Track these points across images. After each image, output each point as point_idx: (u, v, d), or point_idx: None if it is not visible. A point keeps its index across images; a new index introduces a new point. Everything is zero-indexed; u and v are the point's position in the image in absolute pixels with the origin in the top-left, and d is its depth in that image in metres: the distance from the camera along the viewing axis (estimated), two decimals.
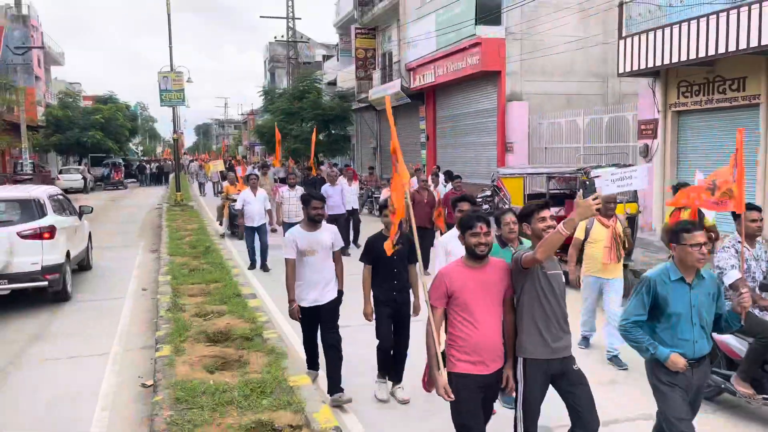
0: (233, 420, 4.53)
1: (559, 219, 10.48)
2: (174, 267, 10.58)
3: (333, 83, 34.51)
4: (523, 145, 18.25)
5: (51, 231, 8.84)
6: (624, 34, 12.83)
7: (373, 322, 5.45)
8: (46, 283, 8.65)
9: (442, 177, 14.62)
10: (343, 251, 11.57)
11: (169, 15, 25.02)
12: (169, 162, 44.20)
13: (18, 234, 8.48)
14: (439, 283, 3.70)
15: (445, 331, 3.83)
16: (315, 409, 4.71)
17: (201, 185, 32.39)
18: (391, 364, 5.49)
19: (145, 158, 62.19)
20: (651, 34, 11.99)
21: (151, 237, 16.08)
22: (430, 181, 12.81)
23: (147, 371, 6.19)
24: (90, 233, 11.99)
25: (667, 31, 11.56)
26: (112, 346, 7.08)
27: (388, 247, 4.65)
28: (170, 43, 25.47)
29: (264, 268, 11.13)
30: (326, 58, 42.65)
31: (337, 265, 5.54)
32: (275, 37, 44.67)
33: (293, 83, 32.69)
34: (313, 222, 5.39)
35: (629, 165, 9.83)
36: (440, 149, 23.65)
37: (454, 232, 4.93)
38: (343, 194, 12.82)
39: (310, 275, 5.33)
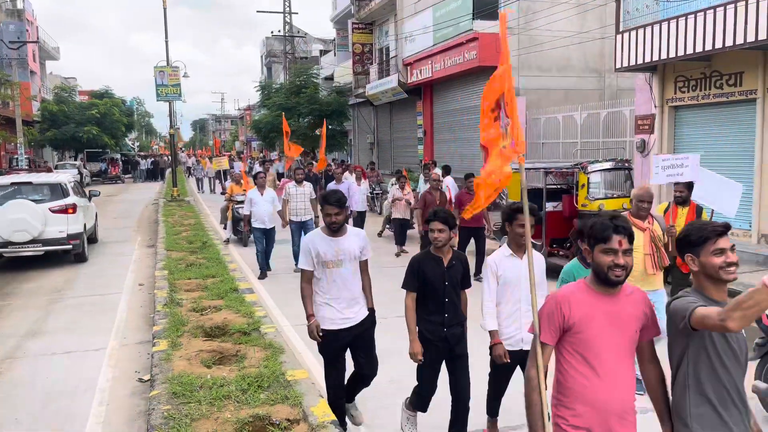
0: (230, 414, 4.53)
1: (557, 214, 10.42)
2: (171, 262, 10.57)
3: (330, 78, 34.45)
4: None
5: (74, 207, 11.61)
6: (621, 29, 12.81)
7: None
8: (70, 246, 11.42)
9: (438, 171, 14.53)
10: None
11: (165, 9, 24.93)
12: (166, 157, 43.97)
13: (50, 209, 11.26)
14: (554, 311, 2.70)
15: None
16: (312, 403, 4.71)
17: (199, 181, 31.55)
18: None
19: (141, 153, 61.76)
20: (648, 29, 11.98)
21: (148, 232, 16.06)
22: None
23: (144, 366, 6.19)
24: (96, 213, 14.43)
25: (665, 26, 11.56)
26: (109, 341, 7.08)
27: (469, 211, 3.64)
28: (166, 37, 25.40)
29: (263, 273, 10.35)
30: (323, 53, 42.56)
31: (365, 277, 4.62)
32: (272, 32, 44.67)
33: (290, 78, 32.62)
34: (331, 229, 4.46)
35: (626, 160, 9.84)
36: (437, 144, 23.64)
37: (505, 251, 4.29)
38: (349, 193, 12.12)
39: (335, 291, 4.44)
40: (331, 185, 12.17)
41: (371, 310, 4.65)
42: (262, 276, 10.16)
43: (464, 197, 9.56)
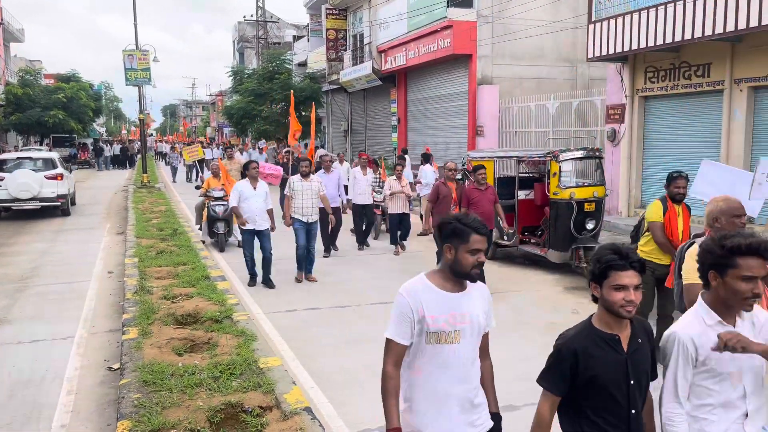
0: (202, 402, 4.50)
1: (529, 202, 10.51)
2: (141, 249, 10.41)
3: (303, 64, 34.13)
4: (493, 129, 18.35)
5: (61, 176, 16.08)
6: (593, 19, 12.94)
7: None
8: (59, 203, 15.90)
9: (408, 160, 14.30)
10: (328, 251, 10.66)
11: None
12: (135, 143, 42.99)
13: (45, 176, 15.62)
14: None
15: None
16: (285, 390, 4.70)
17: (174, 170, 28.30)
18: None
19: (110, 138, 60.21)
20: (620, 20, 12.12)
21: (117, 219, 15.77)
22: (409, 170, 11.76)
23: (113, 355, 6.10)
24: (75, 182, 18.84)
25: (636, 16, 11.70)
26: (77, 329, 6.94)
27: None
28: (135, 20, 24.85)
29: (268, 283, 8.51)
30: (296, 38, 42.08)
31: (487, 362, 2.93)
32: (244, 17, 43.92)
33: (263, 64, 32.22)
34: (461, 274, 2.59)
35: (597, 149, 9.97)
36: (411, 132, 23.65)
37: (706, 316, 2.50)
38: (339, 184, 10.75)
39: (446, 383, 2.63)
40: (320, 174, 10.22)
41: (496, 417, 2.96)
42: (252, 283, 8.62)
43: (473, 193, 8.25)
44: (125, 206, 17.71)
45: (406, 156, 16.74)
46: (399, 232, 11.14)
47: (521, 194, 10.20)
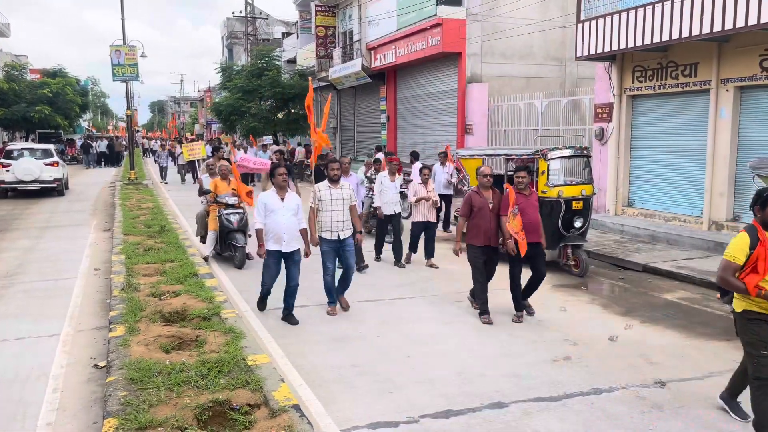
0: (190, 399, 4.48)
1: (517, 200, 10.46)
2: (128, 246, 10.33)
3: (292, 61, 34.00)
4: (482, 127, 18.39)
5: (57, 163, 20.02)
6: (582, 18, 12.99)
7: None
8: (55, 185, 19.66)
9: (381, 156, 13.24)
10: (360, 267, 9.10)
11: None
12: (122, 140, 42.50)
13: (44, 163, 19.46)
14: None
15: None
16: (274, 387, 4.69)
17: (162, 169, 26.10)
18: None
19: (97, 134, 59.39)
20: (608, 19, 12.18)
21: (104, 216, 15.65)
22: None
23: (100, 352, 6.05)
24: (67, 169, 22.87)
25: (624, 16, 11.76)
26: (63, 327, 6.89)
27: None
28: (122, 15, 24.65)
29: (290, 318, 6.92)
30: (286, 35, 41.92)
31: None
32: (233, 13, 43.72)
33: (252, 60, 32.06)
34: None
35: (585, 147, 10.02)
36: (400, 130, 23.64)
37: None
38: (358, 190, 9.93)
39: None
40: (342, 179, 9.23)
41: None
42: (262, 306, 7.28)
43: (517, 200, 6.87)
44: (112, 203, 17.58)
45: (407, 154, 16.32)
46: (424, 244, 9.91)
47: None
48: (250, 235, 9.55)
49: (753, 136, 10.84)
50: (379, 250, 10.26)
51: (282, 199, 6.84)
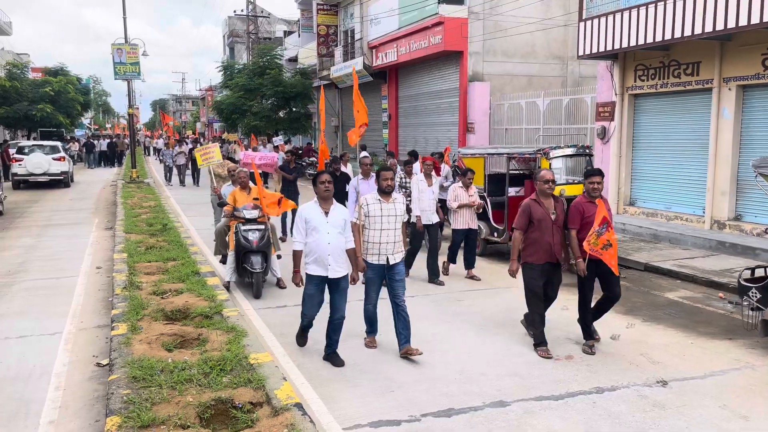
0: (192, 398, 4.48)
1: (519, 199, 10.49)
2: (130, 245, 10.34)
3: (294, 60, 33.99)
4: (484, 126, 18.38)
5: (64, 158, 22.73)
6: (584, 17, 12.97)
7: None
8: (62, 177, 22.36)
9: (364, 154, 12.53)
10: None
11: None
12: (124, 138, 42.41)
13: (52, 158, 22.17)
14: None
15: None
16: (276, 386, 4.69)
17: (168, 170, 24.68)
18: None
19: (104, 133, 59.16)
20: (610, 18, 12.16)
21: (106, 214, 15.68)
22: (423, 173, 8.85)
23: (102, 350, 6.06)
24: (73, 165, 26.17)
25: (626, 14, 11.75)
26: (66, 325, 6.90)
27: None
28: (124, 13, 24.66)
29: (334, 360, 5.67)
30: (287, 33, 41.92)
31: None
32: (234, 12, 43.66)
33: (253, 59, 32.06)
34: None
35: (587, 146, 10.01)
36: (402, 129, 23.64)
37: None
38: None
39: None
40: (358, 181, 8.45)
41: None
42: (302, 342, 6.04)
43: (587, 209, 5.95)
44: (114, 201, 17.60)
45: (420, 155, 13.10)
46: (464, 254, 9.10)
47: (511, 191, 10.22)
48: (279, 256, 8.49)
49: (755, 134, 10.82)
50: (409, 265, 8.79)
51: (326, 213, 5.55)
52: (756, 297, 5.94)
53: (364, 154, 11.67)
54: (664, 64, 12.18)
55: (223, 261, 9.03)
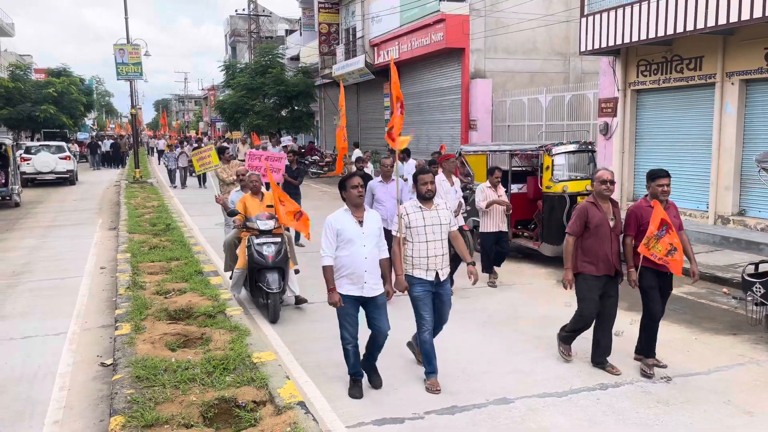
0: (196, 397, 4.49)
1: (521, 196, 10.41)
2: (133, 245, 10.36)
3: (296, 58, 34.00)
4: (487, 123, 18.36)
5: (69, 157, 24.01)
6: (586, 13, 12.94)
7: None
8: (68, 175, 23.49)
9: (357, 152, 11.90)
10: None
11: None
12: (127, 138, 42.43)
13: (59, 157, 23.51)
14: None
15: None
16: (279, 384, 4.70)
17: (171, 172, 23.56)
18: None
19: (108, 133, 59.14)
20: (612, 13, 12.12)
21: (110, 214, 15.71)
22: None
23: (106, 350, 6.08)
24: (77, 163, 27.38)
25: (628, 9, 11.71)
26: (70, 325, 6.92)
27: None
28: (126, 14, 24.69)
29: (374, 381, 5.14)
30: (289, 32, 41.93)
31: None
32: (236, 11, 43.68)
33: (255, 58, 32.08)
34: None
35: (589, 142, 9.98)
36: (404, 126, 23.59)
37: None
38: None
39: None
40: (375, 184, 7.88)
41: None
42: (357, 393, 4.98)
43: (646, 212, 5.38)
44: (117, 201, 17.64)
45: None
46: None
47: (514, 188, 10.21)
48: (297, 271, 7.69)
49: (758, 129, 10.78)
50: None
51: (360, 222, 4.85)
52: (760, 292, 5.92)
53: (357, 153, 11.25)
54: (666, 59, 12.14)
55: (232, 275, 7.79)
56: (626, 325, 6.73)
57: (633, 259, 5.32)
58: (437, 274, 5.06)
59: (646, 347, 5.45)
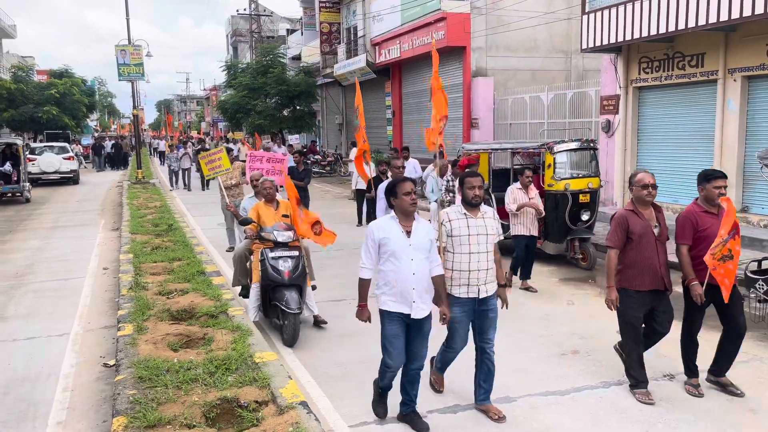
0: (198, 397, 4.50)
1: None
2: (136, 245, 10.38)
3: (297, 58, 34.00)
4: (488, 121, 18.33)
5: (73, 157, 25.18)
6: (587, 10, 12.91)
7: None
8: (71, 175, 24.52)
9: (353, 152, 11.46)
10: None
11: None
12: (128, 138, 42.45)
13: (63, 158, 24.44)
14: None
15: None
16: (281, 384, 4.70)
17: (173, 173, 22.84)
18: None
19: (112, 134, 59.16)
20: (613, 10, 12.09)
21: (112, 215, 15.74)
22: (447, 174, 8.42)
23: (109, 351, 6.09)
24: (80, 163, 28.92)
25: (629, 6, 11.67)
26: (73, 326, 6.94)
27: None
28: (127, 15, 24.71)
29: (414, 421, 4.44)
30: (290, 32, 41.92)
31: None
32: (237, 11, 43.72)
33: (256, 58, 32.10)
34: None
35: (591, 140, 9.97)
36: (406, 125, 23.62)
37: None
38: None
39: None
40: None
41: None
42: (381, 412, 4.58)
43: (704, 220, 4.80)
44: (120, 202, 17.67)
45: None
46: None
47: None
48: (314, 287, 6.94)
49: (761, 126, 10.75)
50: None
51: (407, 233, 4.24)
52: (763, 289, 5.90)
53: (354, 151, 10.75)
54: (668, 56, 12.11)
55: (244, 294, 7.14)
56: None
57: (694, 271, 4.76)
58: (479, 291, 4.49)
59: (687, 367, 5.07)
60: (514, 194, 8.07)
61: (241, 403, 4.43)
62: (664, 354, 5.75)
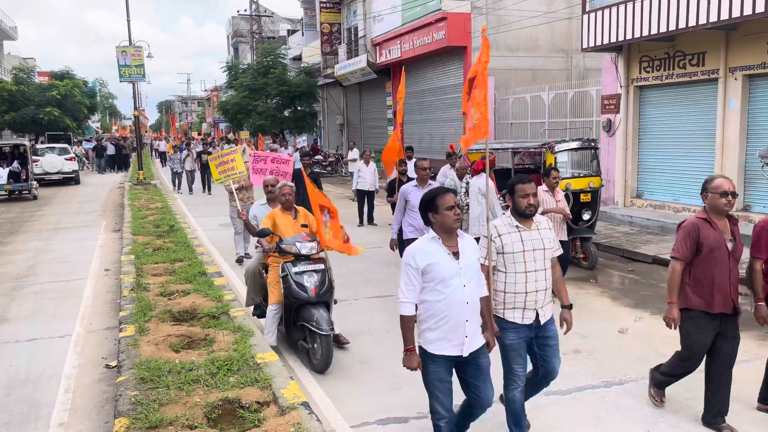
0: (200, 398, 4.50)
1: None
2: (137, 246, 10.39)
3: (298, 58, 34.02)
4: (489, 121, 18.31)
5: (74, 158, 26.20)
6: (588, 9, 12.90)
7: None
8: (73, 175, 25.17)
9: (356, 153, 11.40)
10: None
11: None
12: (129, 140, 42.49)
13: (65, 159, 25.11)
14: None
15: None
16: (282, 385, 4.71)
17: (176, 175, 22.10)
18: None
19: (105, 135, 59.28)
20: (614, 9, 12.09)
21: (114, 216, 15.76)
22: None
23: (111, 352, 6.10)
24: (81, 164, 30.38)
25: (630, 5, 11.67)
26: (75, 327, 6.95)
27: None
28: (128, 16, 24.73)
29: None
30: (291, 32, 41.95)
31: None
32: (238, 11, 43.75)
33: (257, 58, 32.13)
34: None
35: (592, 139, 9.96)
36: (407, 125, 23.60)
37: None
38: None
39: None
40: (409, 189, 7.10)
41: None
42: None
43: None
44: (121, 203, 17.68)
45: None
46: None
47: None
48: (336, 301, 6.18)
49: (762, 124, 10.74)
50: None
51: (455, 254, 3.54)
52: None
53: (355, 153, 10.49)
54: (669, 55, 12.10)
55: (258, 313, 6.49)
56: (631, 322, 6.72)
57: (763, 290, 4.29)
58: (537, 315, 3.88)
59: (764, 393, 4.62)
60: (540, 197, 6.94)
61: (243, 403, 4.44)
62: (665, 354, 5.74)
